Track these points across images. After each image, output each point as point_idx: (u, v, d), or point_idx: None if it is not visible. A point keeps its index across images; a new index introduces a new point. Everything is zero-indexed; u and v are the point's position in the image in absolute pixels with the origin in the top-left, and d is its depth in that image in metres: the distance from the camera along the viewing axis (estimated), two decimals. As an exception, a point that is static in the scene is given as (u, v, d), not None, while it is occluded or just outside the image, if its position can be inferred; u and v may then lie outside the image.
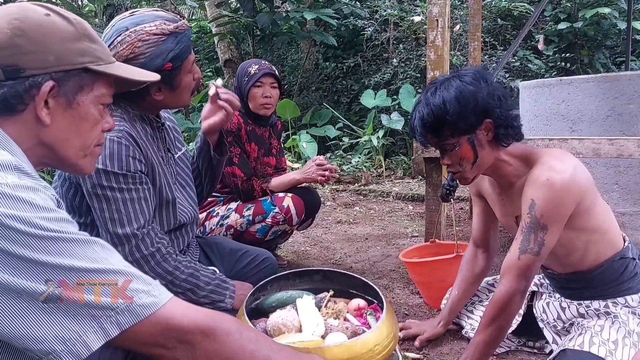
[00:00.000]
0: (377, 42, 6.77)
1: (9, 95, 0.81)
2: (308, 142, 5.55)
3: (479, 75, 1.40)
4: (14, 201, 0.71)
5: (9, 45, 0.81)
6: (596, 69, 6.11)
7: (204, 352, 0.84)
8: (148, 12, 1.38)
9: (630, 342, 1.37)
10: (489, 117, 1.38)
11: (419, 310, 2.09)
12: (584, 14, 5.85)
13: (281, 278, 1.53)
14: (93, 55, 0.90)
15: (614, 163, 2.87)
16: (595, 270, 1.46)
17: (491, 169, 1.48)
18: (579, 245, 1.43)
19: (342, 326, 1.33)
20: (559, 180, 1.32)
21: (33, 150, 0.86)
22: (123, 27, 1.33)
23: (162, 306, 0.81)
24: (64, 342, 0.73)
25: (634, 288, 1.45)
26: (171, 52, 1.34)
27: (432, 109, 1.37)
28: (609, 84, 2.85)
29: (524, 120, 3.38)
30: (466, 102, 1.35)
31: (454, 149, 1.41)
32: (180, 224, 1.54)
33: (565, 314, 1.57)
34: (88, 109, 0.90)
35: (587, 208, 1.38)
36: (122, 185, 1.34)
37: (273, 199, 2.28)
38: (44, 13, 0.86)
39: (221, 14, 6.49)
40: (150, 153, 1.43)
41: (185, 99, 1.47)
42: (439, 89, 1.39)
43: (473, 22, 4.28)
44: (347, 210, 4.03)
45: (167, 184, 1.49)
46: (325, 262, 2.77)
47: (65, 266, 0.73)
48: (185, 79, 1.42)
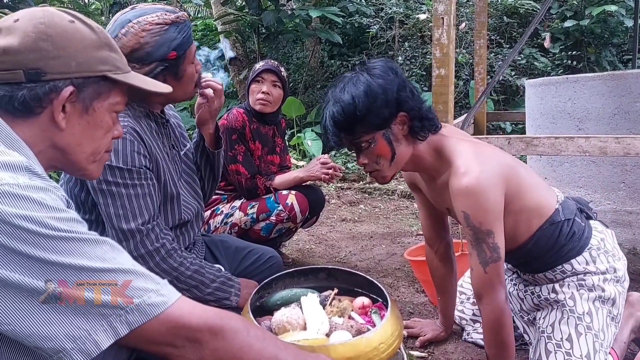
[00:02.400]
0: (383, 40, 6.75)
1: (29, 97, 0.83)
2: (313, 140, 5.54)
3: (387, 67, 1.36)
4: (25, 201, 0.72)
5: (34, 49, 0.83)
6: (603, 67, 6.07)
7: (212, 351, 0.85)
8: (148, 5, 1.41)
9: (584, 327, 1.38)
10: (402, 110, 1.34)
11: (423, 309, 2.09)
12: (590, 11, 5.80)
13: (286, 276, 1.53)
14: (112, 64, 0.92)
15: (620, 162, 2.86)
16: (529, 243, 1.44)
17: (411, 164, 1.44)
18: (512, 226, 1.42)
19: (346, 324, 1.33)
20: (476, 183, 1.29)
21: (44, 153, 0.88)
22: (126, 20, 1.35)
23: (171, 305, 0.82)
24: (74, 340, 0.74)
25: (575, 248, 1.43)
26: (174, 40, 1.36)
27: (341, 107, 1.32)
28: (616, 82, 2.83)
29: (530, 119, 3.37)
30: (375, 96, 1.30)
31: (370, 146, 1.36)
32: (185, 220, 1.55)
33: (524, 305, 1.58)
34: (103, 116, 0.93)
35: (515, 191, 1.37)
36: (127, 181, 1.34)
37: (277, 197, 2.28)
38: (68, 19, 0.88)
39: (226, 11, 6.48)
40: (155, 149, 1.44)
41: (189, 90, 1.48)
42: (347, 84, 1.34)
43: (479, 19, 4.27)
44: (352, 209, 4.03)
45: (171, 179, 1.49)
46: (330, 260, 2.77)
47: (75, 266, 0.74)
48: (188, 68, 1.43)
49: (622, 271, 1.45)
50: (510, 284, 1.66)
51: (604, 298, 1.41)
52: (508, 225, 1.40)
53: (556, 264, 1.45)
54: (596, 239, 1.46)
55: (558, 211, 1.44)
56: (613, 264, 1.44)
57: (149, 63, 1.35)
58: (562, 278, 1.46)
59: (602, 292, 1.41)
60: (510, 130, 5.92)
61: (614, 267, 1.43)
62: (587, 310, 1.40)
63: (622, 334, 1.52)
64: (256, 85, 2.34)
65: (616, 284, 1.43)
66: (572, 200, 1.51)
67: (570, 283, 1.44)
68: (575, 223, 1.44)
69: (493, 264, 1.33)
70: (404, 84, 1.35)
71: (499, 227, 1.33)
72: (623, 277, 1.46)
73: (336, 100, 1.34)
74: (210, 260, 1.68)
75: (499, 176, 1.33)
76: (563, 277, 1.45)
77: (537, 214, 1.43)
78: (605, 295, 1.41)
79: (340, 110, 1.32)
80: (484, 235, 1.32)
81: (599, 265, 1.43)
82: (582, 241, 1.44)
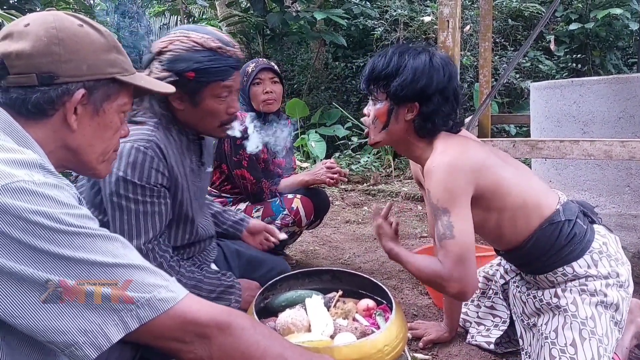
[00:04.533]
0: (387, 42, 6.75)
1: (42, 100, 0.86)
2: (317, 142, 5.55)
3: (448, 69, 1.41)
4: (40, 197, 0.74)
5: (46, 53, 0.85)
6: (608, 70, 6.06)
7: (219, 346, 0.86)
8: (212, 29, 1.43)
9: (588, 332, 1.37)
10: (418, 102, 1.39)
11: (427, 311, 2.09)
12: (595, 14, 5.79)
13: (290, 277, 1.54)
14: (120, 67, 0.95)
15: (625, 165, 2.85)
16: (528, 242, 1.44)
17: (404, 148, 1.50)
18: (504, 224, 1.43)
19: (351, 326, 1.33)
20: (441, 164, 1.34)
21: (56, 153, 0.90)
22: (180, 28, 1.40)
23: (180, 301, 0.84)
24: (86, 333, 0.76)
25: (576, 250, 1.42)
26: (198, 63, 1.35)
27: (388, 64, 1.40)
28: (621, 86, 2.83)
29: (534, 122, 3.37)
30: (416, 80, 1.37)
31: (376, 103, 1.45)
32: (198, 240, 1.58)
33: (526, 309, 1.57)
34: (112, 116, 0.96)
35: (490, 188, 1.38)
36: (139, 197, 1.34)
37: (282, 201, 2.28)
38: (77, 24, 0.91)
39: (231, 13, 6.50)
40: (178, 165, 1.44)
41: (210, 125, 1.46)
42: (409, 53, 1.40)
43: (484, 22, 4.26)
44: (356, 210, 4.03)
45: (189, 199, 1.49)
46: (334, 262, 2.78)
47: (88, 261, 0.76)
48: (209, 100, 1.41)
49: (625, 276, 1.44)
50: (513, 286, 1.66)
51: (607, 303, 1.40)
52: (505, 222, 1.42)
53: (557, 266, 1.44)
54: (598, 242, 1.45)
55: (558, 211, 1.44)
56: (616, 268, 1.43)
57: (166, 69, 1.36)
58: (563, 281, 1.45)
59: (605, 297, 1.40)
60: (514, 133, 5.92)
61: (617, 272, 1.42)
62: (590, 314, 1.39)
63: (624, 340, 1.52)
64: (257, 87, 2.33)
65: (619, 289, 1.42)
66: (576, 204, 1.51)
67: (572, 288, 1.43)
68: (577, 225, 1.44)
69: (447, 240, 1.33)
70: (446, 89, 1.39)
71: (457, 208, 1.33)
72: (627, 282, 1.44)
73: (390, 58, 1.41)
74: (222, 266, 1.70)
75: (470, 167, 1.35)
76: (564, 280, 1.45)
77: (533, 213, 1.43)
78: (607, 301, 1.40)
79: (385, 66, 1.40)
80: (440, 213, 1.34)
81: (601, 269, 1.42)
82: (584, 244, 1.43)
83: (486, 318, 1.78)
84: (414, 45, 1.45)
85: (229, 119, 1.47)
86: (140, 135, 1.35)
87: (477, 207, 1.38)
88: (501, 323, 1.72)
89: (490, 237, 1.53)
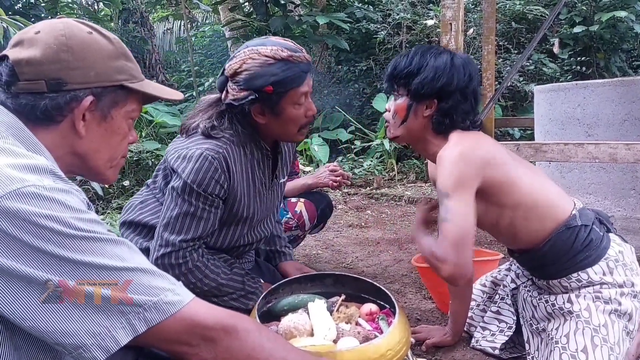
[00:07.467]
0: (390, 45, 6.75)
1: (50, 106, 0.87)
2: (320, 146, 5.54)
3: (469, 68, 1.44)
4: (50, 202, 0.75)
5: (55, 60, 0.87)
6: (612, 73, 6.03)
7: (225, 349, 0.87)
8: (276, 38, 1.45)
9: (600, 339, 1.35)
10: (438, 99, 1.43)
11: (431, 316, 2.08)
12: (599, 17, 5.77)
13: (293, 281, 1.53)
14: (129, 74, 0.96)
15: (631, 168, 2.83)
16: (545, 245, 1.44)
17: (421, 146, 1.53)
18: (518, 223, 1.43)
19: (353, 331, 1.32)
20: (453, 153, 1.37)
21: (64, 158, 0.91)
22: (246, 46, 1.42)
23: (187, 304, 0.84)
24: (94, 336, 0.77)
25: (592, 256, 1.41)
26: (274, 76, 1.38)
27: (410, 63, 1.44)
28: (626, 88, 2.81)
29: (538, 125, 3.35)
30: (437, 78, 1.40)
31: (397, 98, 1.49)
32: (250, 242, 1.65)
33: (537, 313, 1.56)
34: (120, 123, 0.97)
35: (499, 182, 1.38)
36: (193, 200, 1.42)
37: (285, 205, 2.27)
38: (87, 31, 0.92)
39: (234, 17, 6.52)
40: (242, 181, 1.50)
41: (292, 131, 1.50)
42: (431, 53, 1.45)
43: (487, 25, 4.26)
44: (359, 214, 4.02)
45: (249, 208, 1.56)
46: (336, 266, 2.77)
47: (95, 264, 0.77)
48: (289, 109, 1.44)
49: (639, 287, 1.43)
50: (524, 290, 1.65)
51: (620, 312, 1.38)
52: (517, 221, 1.42)
53: (571, 271, 1.43)
54: (614, 250, 1.44)
55: (575, 216, 1.44)
56: (631, 278, 1.41)
57: (244, 89, 1.39)
58: (577, 287, 1.43)
59: (619, 305, 1.38)
60: (518, 136, 5.90)
61: (632, 282, 1.41)
62: (604, 322, 1.37)
63: (631, 347, 1.50)
64: None
65: (633, 299, 1.40)
66: (592, 211, 1.50)
67: (587, 295, 1.41)
68: (593, 231, 1.43)
69: (444, 223, 1.34)
70: (466, 88, 1.42)
71: (458, 194, 1.34)
72: None
73: (412, 58, 1.46)
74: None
75: (480, 158, 1.37)
76: (578, 286, 1.43)
77: (548, 216, 1.43)
78: (621, 309, 1.38)
79: (407, 65, 1.45)
80: (443, 197, 1.36)
81: (616, 277, 1.40)
82: (600, 250, 1.42)
83: (492, 323, 1.76)
84: (436, 46, 1.48)
85: (307, 121, 1.51)
86: (213, 146, 1.43)
87: (488, 202, 1.39)
88: (507, 329, 1.70)
89: (504, 236, 1.53)
